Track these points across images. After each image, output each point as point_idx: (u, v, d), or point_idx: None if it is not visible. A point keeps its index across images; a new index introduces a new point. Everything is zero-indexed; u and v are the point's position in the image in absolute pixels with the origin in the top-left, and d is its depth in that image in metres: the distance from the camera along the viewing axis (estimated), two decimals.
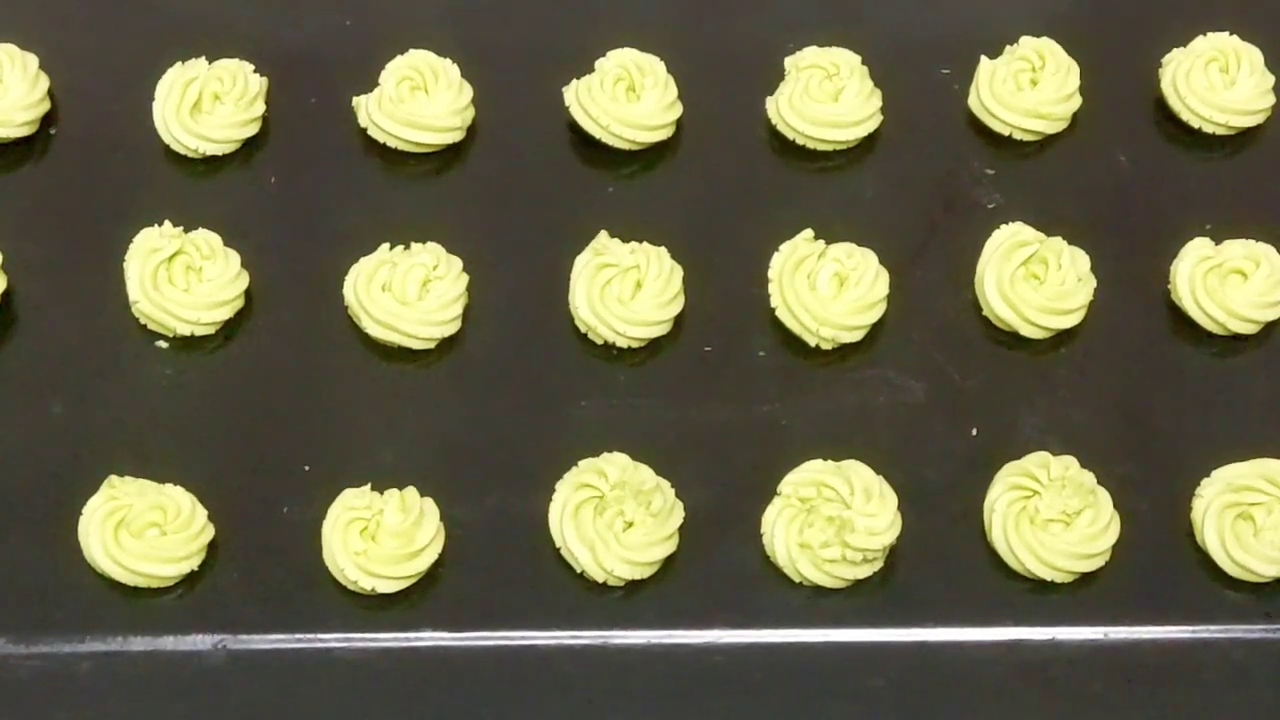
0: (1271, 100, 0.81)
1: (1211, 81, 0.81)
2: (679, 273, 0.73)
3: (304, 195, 0.78)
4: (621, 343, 0.73)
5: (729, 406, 0.74)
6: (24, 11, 0.83)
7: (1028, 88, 0.79)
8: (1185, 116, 0.79)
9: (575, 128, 0.78)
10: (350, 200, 0.77)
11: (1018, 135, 0.79)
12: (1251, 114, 0.78)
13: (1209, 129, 0.80)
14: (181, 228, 0.73)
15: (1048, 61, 0.79)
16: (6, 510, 0.70)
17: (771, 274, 0.74)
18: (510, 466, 0.71)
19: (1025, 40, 0.79)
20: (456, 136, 0.76)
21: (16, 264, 0.75)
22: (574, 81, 0.78)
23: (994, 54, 0.80)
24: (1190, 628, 0.69)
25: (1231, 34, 0.82)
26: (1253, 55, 0.80)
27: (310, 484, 0.69)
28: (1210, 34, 0.82)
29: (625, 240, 0.74)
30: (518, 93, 0.80)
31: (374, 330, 0.71)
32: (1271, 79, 0.81)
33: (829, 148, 0.78)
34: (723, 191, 0.79)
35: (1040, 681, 0.67)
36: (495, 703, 0.68)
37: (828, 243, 0.74)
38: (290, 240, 0.76)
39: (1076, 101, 0.79)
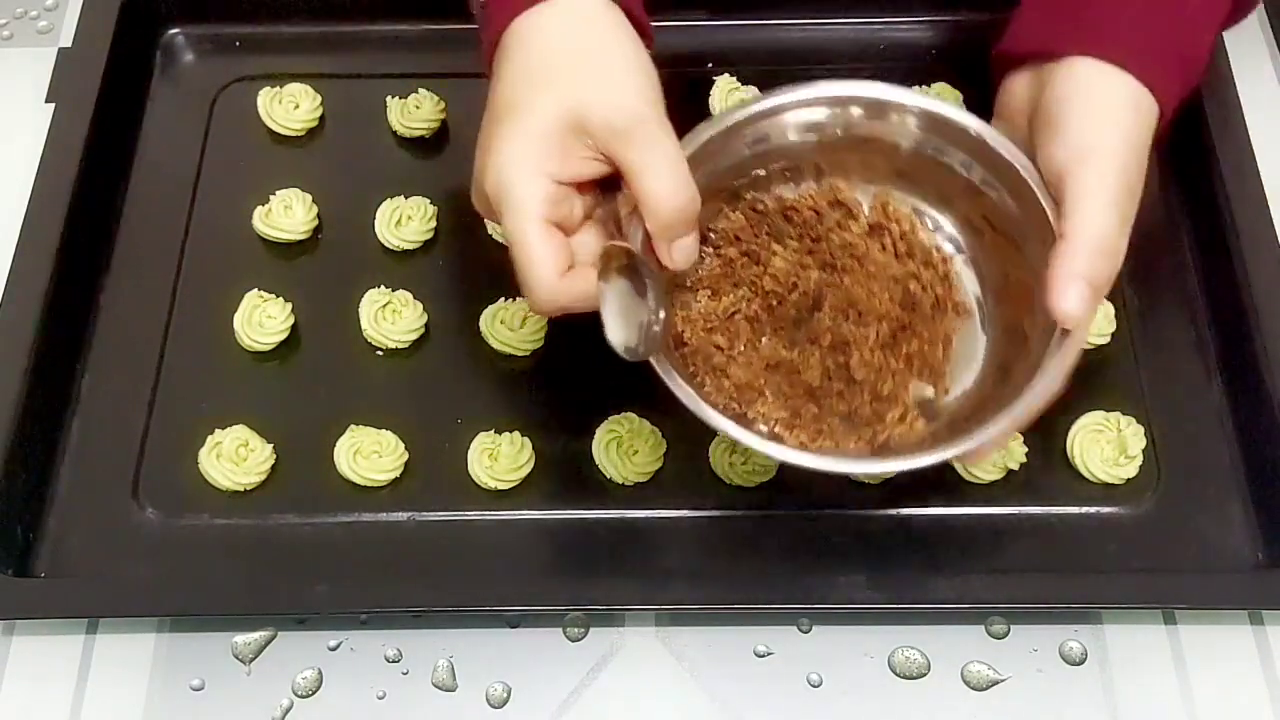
0: None
1: None
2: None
3: (458, 271, 0.99)
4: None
5: None
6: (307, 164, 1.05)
7: None
8: None
9: None
10: (472, 270, 0.98)
11: None
12: None
13: None
14: (390, 288, 0.97)
15: None
16: (293, 445, 0.92)
17: None
18: (573, 424, 0.92)
19: None
20: None
21: (301, 311, 0.97)
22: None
23: None
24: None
25: None
26: None
27: (460, 430, 0.91)
28: None
29: None
30: None
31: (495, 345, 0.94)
32: None
33: None
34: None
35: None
36: (569, 547, 0.88)
37: None
38: (455, 291, 0.98)
39: None
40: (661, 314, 0.72)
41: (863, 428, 0.79)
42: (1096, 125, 0.73)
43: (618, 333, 0.70)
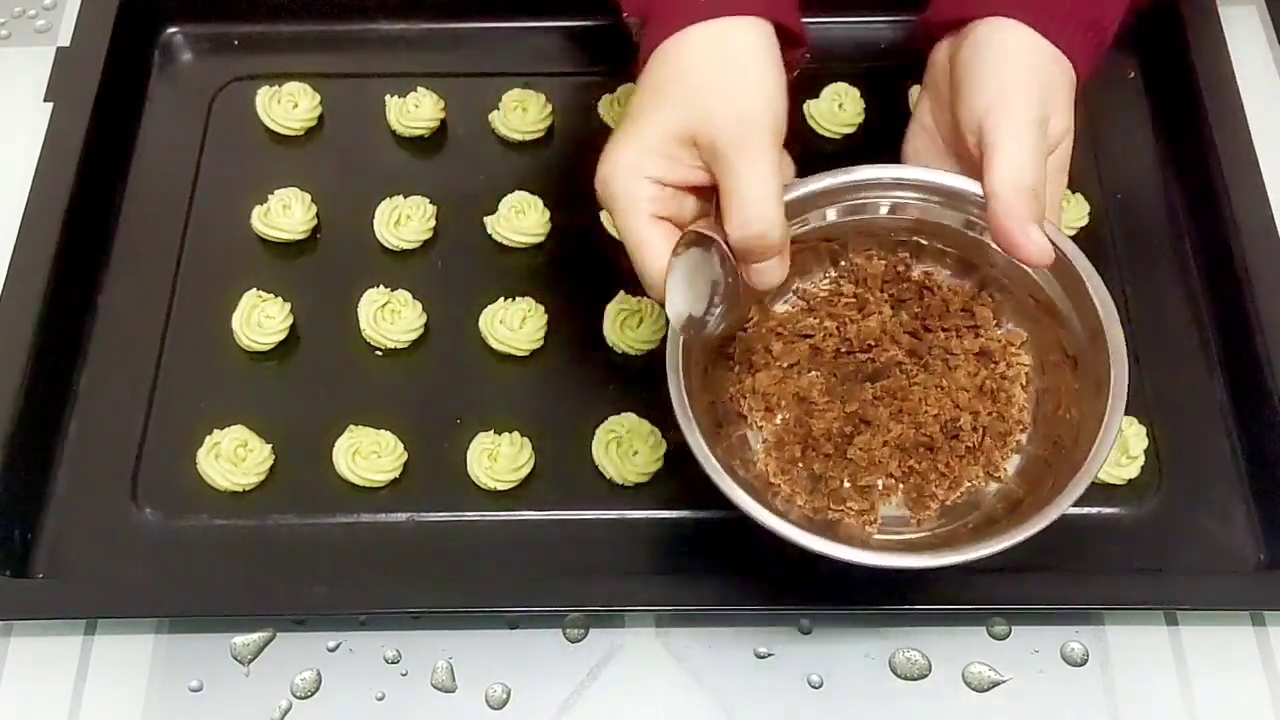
0: None
1: None
2: (662, 316, 0.86)
3: (458, 271, 0.99)
4: (631, 352, 0.94)
5: None
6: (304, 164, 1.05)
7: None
8: None
9: (606, 234, 0.99)
10: (472, 270, 0.99)
11: None
12: None
13: None
14: (389, 288, 0.97)
15: None
16: (292, 445, 0.91)
17: None
18: (572, 424, 0.92)
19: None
20: (539, 240, 0.99)
21: (300, 311, 0.97)
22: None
23: None
24: None
25: None
26: None
27: (459, 430, 0.92)
28: None
29: (635, 297, 0.95)
30: (575, 217, 1.00)
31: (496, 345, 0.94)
32: None
33: None
34: None
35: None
36: (569, 547, 0.88)
37: None
38: (455, 291, 0.98)
39: None
40: (718, 303, 0.73)
41: (821, 495, 0.79)
42: (1010, 71, 0.75)
43: (676, 303, 0.73)
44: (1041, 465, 0.79)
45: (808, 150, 1.03)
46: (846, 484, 0.79)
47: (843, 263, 0.86)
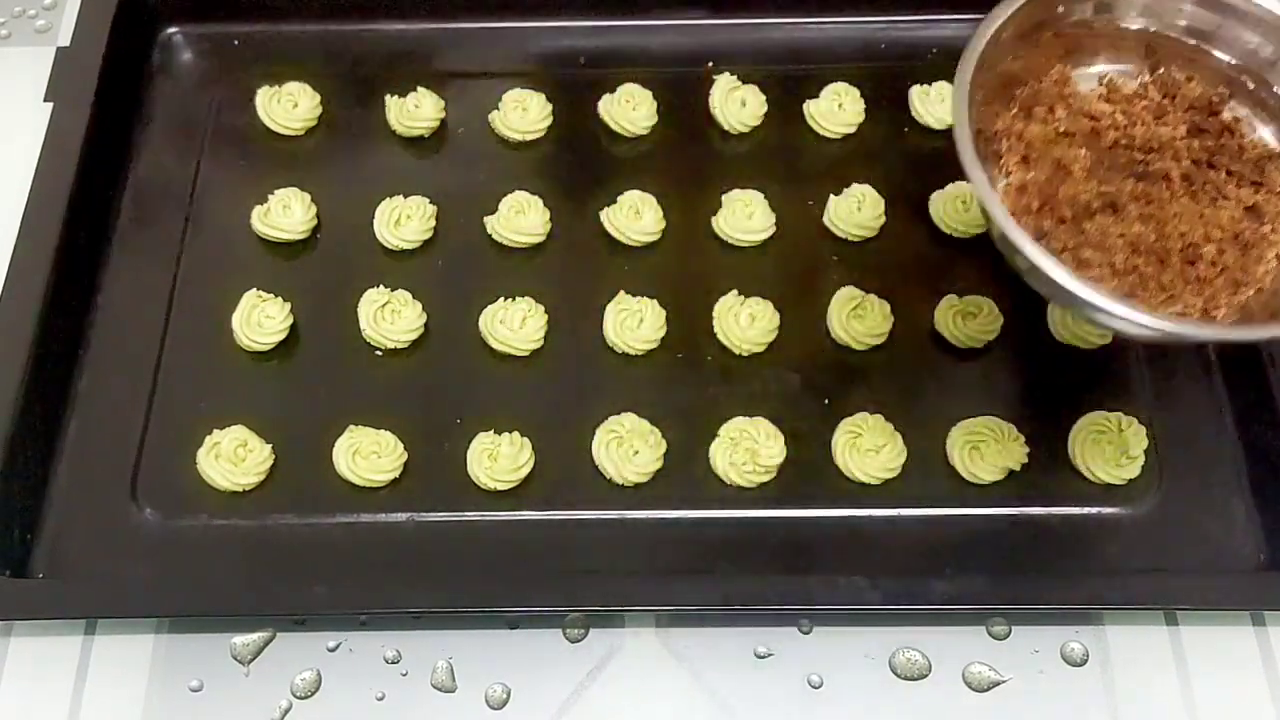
0: None
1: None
2: (663, 314, 0.95)
3: (458, 271, 0.99)
4: (631, 352, 0.95)
5: (691, 388, 0.94)
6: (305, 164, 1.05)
7: (856, 212, 0.99)
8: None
9: (605, 234, 1.00)
10: (472, 270, 0.99)
11: (851, 238, 0.99)
12: None
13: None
14: (389, 288, 0.97)
15: (868, 196, 0.99)
16: (292, 445, 0.91)
17: (715, 314, 0.96)
18: (572, 424, 0.92)
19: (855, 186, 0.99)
20: (539, 240, 1.00)
21: (300, 311, 0.97)
22: (605, 209, 0.99)
23: (837, 193, 1.00)
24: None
25: None
26: None
27: (460, 430, 0.92)
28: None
29: (634, 296, 0.96)
30: (575, 217, 1.01)
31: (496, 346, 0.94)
32: None
33: (748, 246, 0.99)
34: (693, 270, 0.99)
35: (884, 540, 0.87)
36: (569, 547, 0.88)
37: (746, 296, 0.96)
38: (455, 291, 0.98)
39: (882, 220, 0.99)
40: None
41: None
42: None
43: None
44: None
45: (808, 150, 1.05)
46: (1065, 253, 0.77)
47: (1161, 70, 0.84)
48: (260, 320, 0.97)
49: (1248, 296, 0.78)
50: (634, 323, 0.96)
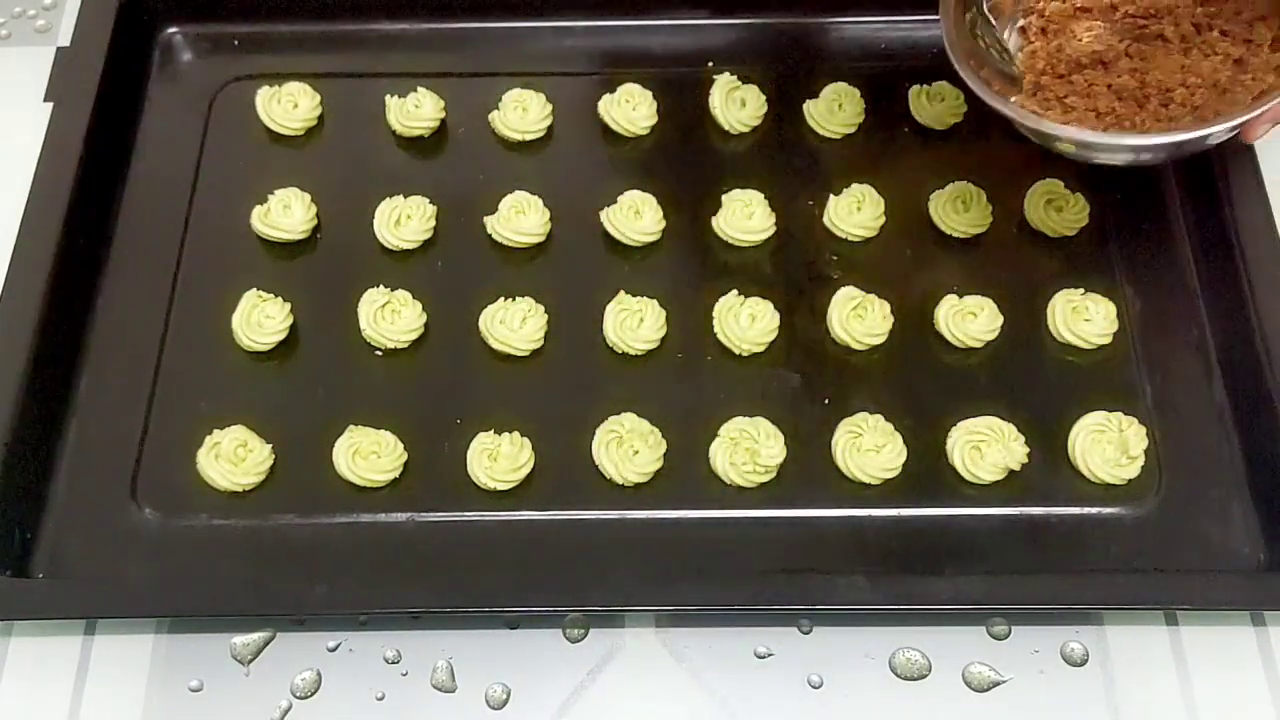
0: None
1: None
2: (663, 314, 0.95)
3: (458, 271, 0.99)
4: (631, 352, 0.95)
5: (691, 388, 0.94)
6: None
7: (856, 212, 0.99)
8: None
9: (605, 234, 1.00)
10: (472, 270, 0.99)
11: (851, 238, 1.00)
12: None
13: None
14: (389, 288, 0.97)
15: (867, 196, 0.99)
16: (292, 445, 0.91)
17: (715, 314, 0.96)
18: (572, 424, 0.92)
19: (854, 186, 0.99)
20: (539, 239, 1.00)
21: (300, 311, 0.97)
22: (605, 209, 0.99)
23: (837, 193, 1.00)
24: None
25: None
26: None
27: (459, 430, 0.91)
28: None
29: (634, 296, 0.96)
30: (575, 217, 1.01)
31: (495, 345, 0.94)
32: None
33: (748, 246, 0.99)
34: (693, 270, 0.99)
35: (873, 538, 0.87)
36: (569, 547, 0.88)
37: (746, 297, 0.96)
38: (455, 291, 0.98)
39: (882, 220, 0.99)
40: None
41: (1031, 99, 0.88)
42: None
43: None
44: None
45: (808, 150, 1.05)
46: (1054, 101, 0.87)
47: None
48: (260, 320, 0.97)
49: (1214, 132, 0.83)
50: (634, 323, 0.96)
